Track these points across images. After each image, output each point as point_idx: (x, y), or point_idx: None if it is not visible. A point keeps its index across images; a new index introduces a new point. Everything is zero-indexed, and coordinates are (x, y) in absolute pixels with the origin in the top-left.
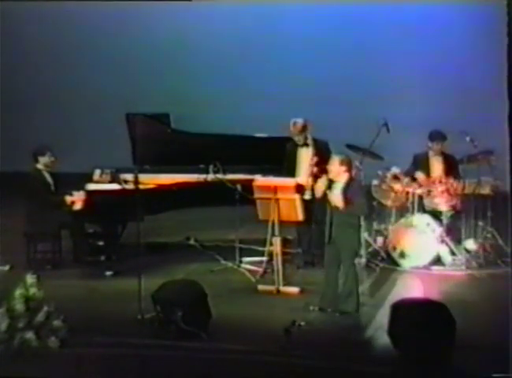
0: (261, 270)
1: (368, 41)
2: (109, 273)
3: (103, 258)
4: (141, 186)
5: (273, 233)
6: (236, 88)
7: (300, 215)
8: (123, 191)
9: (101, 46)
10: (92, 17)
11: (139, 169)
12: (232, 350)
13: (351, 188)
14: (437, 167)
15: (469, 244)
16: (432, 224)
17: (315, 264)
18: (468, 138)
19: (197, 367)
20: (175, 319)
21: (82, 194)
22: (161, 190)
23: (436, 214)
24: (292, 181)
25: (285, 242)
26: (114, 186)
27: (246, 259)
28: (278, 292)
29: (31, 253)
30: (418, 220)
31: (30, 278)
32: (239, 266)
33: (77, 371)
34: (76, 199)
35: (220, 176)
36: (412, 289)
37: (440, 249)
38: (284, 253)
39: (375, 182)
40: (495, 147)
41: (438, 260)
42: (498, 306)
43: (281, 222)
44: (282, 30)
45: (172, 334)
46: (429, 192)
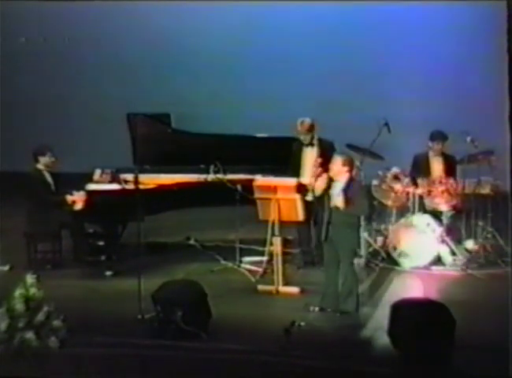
0: (261, 270)
1: (368, 41)
2: (109, 273)
3: (103, 258)
4: (141, 186)
5: (273, 233)
6: (236, 88)
7: (300, 215)
8: (123, 191)
9: (101, 46)
10: (92, 17)
11: (139, 169)
12: (232, 350)
13: (352, 188)
14: (437, 167)
15: (470, 244)
16: (433, 224)
17: (315, 264)
18: (468, 138)
19: (197, 367)
20: (175, 319)
21: (82, 194)
22: (161, 190)
23: (436, 214)
24: (292, 181)
25: (285, 242)
26: (114, 186)
27: (246, 259)
28: (278, 292)
29: (31, 253)
30: (418, 220)
31: (30, 278)
32: (239, 266)
33: (77, 371)
34: (77, 199)
35: (220, 176)
36: (412, 289)
37: (440, 249)
38: (284, 253)
39: (375, 182)
40: (496, 147)
41: (438, 260)
42: (498, 306)
43: (281, 222)
44: (282, 30)
45: (172, 334)
46: (429, 192)
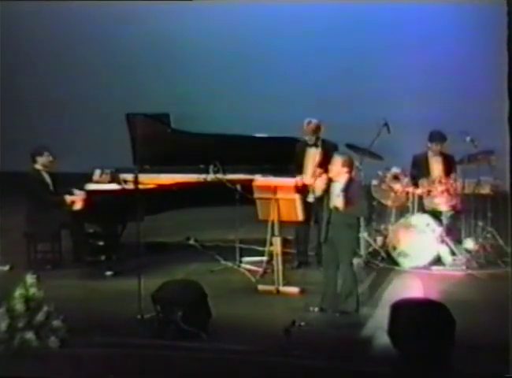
0: (261, 270)
1: (368, 41)
2: (109, 273)
3: (103, 258)
4: (141, 186)
5: (273, 233)
6: (236, 88)
7: (300, 215)
8: (123, 191)
9: (101, 46)
10: (92, 17)
11: (139, 169)
12: (232, 350)
13: (351, 189)
14: (437, 167)
15: (469, 244)
16: (432, 224)
17: (309, 264)
18: (468, 138)
19: (197, 367)
20: (175, 319)
21: (82, 194)
22: (161, 190)
23: (436, 214)
24: (292, 181)
25: (285, 242)
26: (114, 186)
27: (246, 259)
28: (278, 292)
29: (31, 253)
30: (418, 220)
31: (30, 278)
32: (239, 266)
33: (77, 371)
34: (76, 199)
35: (220, 176)
36: (412, 289)
37: (440, 249)
38: (284, 253)
39: (375, 182)
40: (495, 147)
41: (438, 260)
42: (498, 306)
43: (281, 222)
44: (282, 30)
45: (172, 334)
46: (429, 192)
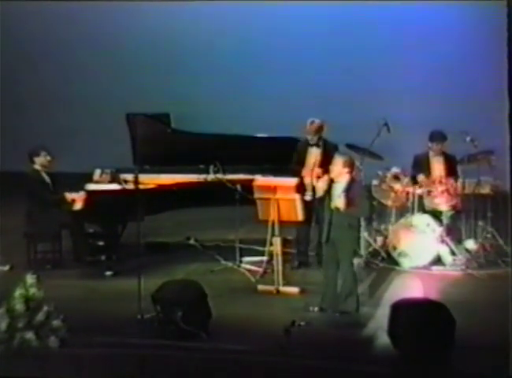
0: (261, 270)
1: (368, 41)
2: (109, 273)
3: (103, 258)
4: (141, 186)
5: (273, 233)
6: (236, 88)
7: (300, 215)
8: (123, 191)
9: (101, 46)
10: (92, 17)
11: (139, 169)
12: (232, 350)
13: (353, 189)
14: (437, 167)
15: (469, 244)
16: (432, 224)
17: (309, 264)
18: (468, 138)
19: (197, 367)
20: (175, 319)
21: (82, 193)
22: (161, 190)
23: (436, 214)
24: (292, 181)
25: (285, 242)
26: (114, 186)
27: (246, 259)
28: (278, 292)
29: (31, 253)
30: (418, 220)
31: (30, 278)
32: (239, 266)
33: (77, 371)
34: (76, 198)
35: (220, 176)
36: (412, 289)
37: (440, 249)
38: (284, 253)
39: (375, 182)
40: (495, 147)
41: (438, 260)
42: (498, 306)
43: (281, 222)
44: (282, 30)
45: (172, 334)
46: (429, 192)
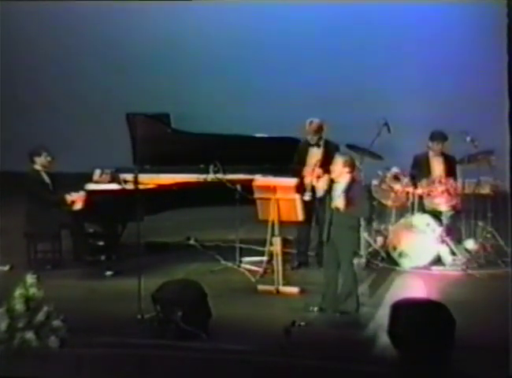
0: (261, 270)
1: (368, 41)
2: (109, 273)
3: (103, 258)
4: (141, 186)
5: (273, 233)
6: (236, 88)
7: (300, 215)
8: (123, 191)
9: (101, 46)
10: (92, 17)
11: (139, 169)
12: (232, 350)
13: (353, 190)
14: (437, 167)
15: (469, 244)
16: (432, 224)
17: (309, 264)
18: (468, 138)
19: (197, 367)
20: (175, 319)
21: (82, 193)
22: (161, 190)
23: (436, 214)
24: (292, 181)
25: (285, 242)
26: (114, 186)
27: (246, 259)
28: (278, 292)
29: (31, 253)
30: (418, 220)
31: (30, 278)
32: (239, 266)
33: (77, 371)
34: (76, 198)
35: (220, 176)
36: (412, 289)
37: (440, 249)
38: (284, 253)
39: (375, 182)
40: (495, 147)
41: (438, 260)
42: (498, 306)
43: (281, 222)
44: (282, 30)
45: (172, 334)
46: (429, 192)
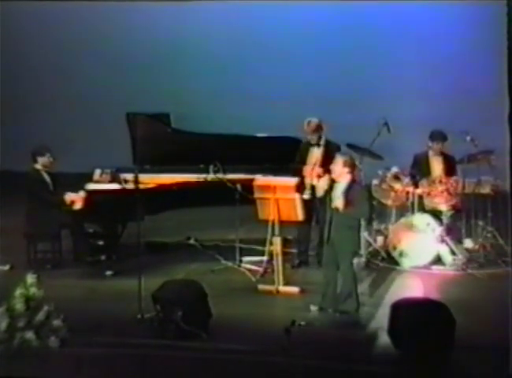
0: (261, 270)
1: (368, 41)
2: (109, 273)
3: (103, 258)
4: (141, 186)
5: (273, 233)
6: (236, 88)
7: (300, 215)
8: (123, 191)
9: (100, 46)
10: (92, 17)
11: (139, 169)
12: (232, 350)
13: (353, 190)
14: (437, 167)
15: (469, 244)
16: (432, 224)
17: (309, 264)
18: (468, 137)
19: (197, 367)
20: (175, 318)
21: (82, 193)
22: (161, 190)
23: (436, 214)
24: (292, 181)
25: (285, 241)
26: (114, 186)
27: (246, 259)
28: (278, 292)
29: (31, 253)
30: (418, 220)
31: (30, 278)
32: (239, 266)
33: (77, 371)
34: (76, 198)
35: (220, 176)
36: (412, 289)
37: (440, 248)
38: (284, 252)
39: (375, 181)
40: (495, 147)
41: (438, 260)
42: (498, 306)
43: (281, 222)
44: (282, 30)
45: (172, 334)
46: (429, 192)
